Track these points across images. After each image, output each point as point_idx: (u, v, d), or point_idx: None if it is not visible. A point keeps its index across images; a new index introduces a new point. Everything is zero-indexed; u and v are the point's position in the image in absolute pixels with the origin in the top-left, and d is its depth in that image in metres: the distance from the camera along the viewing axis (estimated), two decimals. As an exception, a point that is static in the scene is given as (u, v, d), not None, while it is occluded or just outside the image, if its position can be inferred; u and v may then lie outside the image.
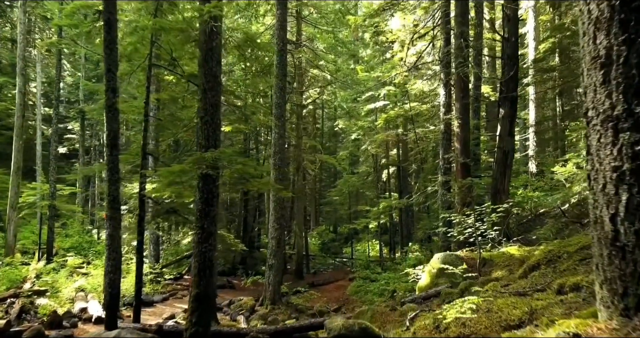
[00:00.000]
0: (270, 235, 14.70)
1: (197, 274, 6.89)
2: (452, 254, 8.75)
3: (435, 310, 5.39)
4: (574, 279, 3.61)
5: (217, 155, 6.64)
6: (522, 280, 5.24)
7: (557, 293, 3.65)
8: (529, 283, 4.76)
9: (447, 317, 3.81)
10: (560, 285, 3.70)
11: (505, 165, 12.56)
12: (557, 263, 5.42)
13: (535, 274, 5.29)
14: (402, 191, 24.25)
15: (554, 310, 3.00)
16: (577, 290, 3.45)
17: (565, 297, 3.39)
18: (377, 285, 17.30)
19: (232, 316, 13.20)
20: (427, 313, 4.90)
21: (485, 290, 5.11)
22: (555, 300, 3.42)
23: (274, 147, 14.75)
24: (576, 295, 3.35)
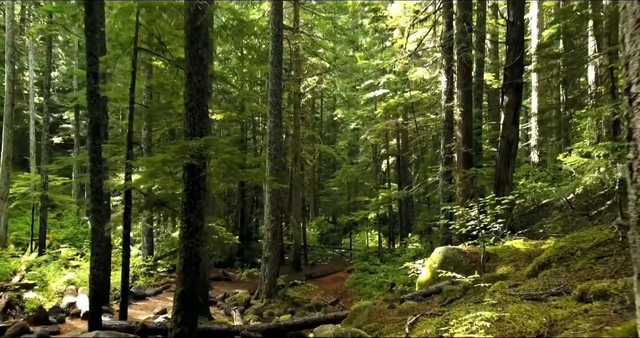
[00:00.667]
0: (266, 227, 14.28)
1: (182, 271, 6.46)
2: (454, 248, 8.32)
3: (437, 312, 4.96)
4: (599, 285, 3.17)
5: (202, 144, 6.17)
6: (532, 280, 4.80)
7: (579, 300, 3.21)
8: (541, 284, 4.32)
9: (453, 334, 3.36)
10: (583, 291, 3.26)
11: (509, 155, 12.09)
12: (570, 261, 4.98)
13: (547, 273, 4.85)
14: (401, 181, 23.80)
15: (579, 323, 2.57)
16: (603, 298, 3.02)
17: (589, 307, 2.95)
18: (375, 278, 16.94)
19: (226, 310, 12.82)
20: (428, 318, 4.47)
21: (493, 291, 4.67)
22: (577, 309, 2.99)
23: (269, 136, 14.27)
24: (603, 304, 2.92)
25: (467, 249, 8.30)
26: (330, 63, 23.24)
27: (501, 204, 8.41)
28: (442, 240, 12.54)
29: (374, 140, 24.47)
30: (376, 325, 6.21)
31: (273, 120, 14.19)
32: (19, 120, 33.47)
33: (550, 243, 7.40)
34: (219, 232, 9.46)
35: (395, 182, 26.15)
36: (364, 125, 25.96)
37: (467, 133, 12.37)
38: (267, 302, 13.81)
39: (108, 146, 9.09)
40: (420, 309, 6.69)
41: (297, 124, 21.58)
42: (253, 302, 14.01)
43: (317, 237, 31.99)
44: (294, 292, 15.18)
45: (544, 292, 3.93)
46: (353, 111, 25.55)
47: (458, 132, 12.52)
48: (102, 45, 11.63)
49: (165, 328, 7.62)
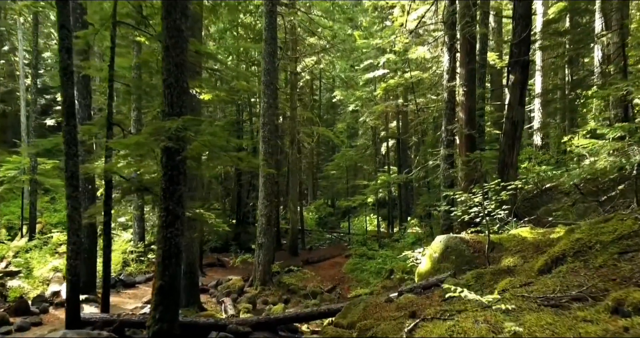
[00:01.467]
0: (260, 213, 13.77)
1: (161, 263, 5.93)
2: (456, 237, 7.80)
3: (439, 315, 4.43)
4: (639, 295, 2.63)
5: (180, 125, 5.57)
6: (546, 278, 4.26)
7: (613, 312, 2.68)
8: (557, 284, 3.77)
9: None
10: (618, 301, 2.71)
11: (514, 137, 11.48)
12: (588, 255, 4.43)
13: (562, 270, 4.31)
14: (401, 165, 23.25)
15: (621, 349, 2.05)
16: (646, 312, 2.49)
17: (629, 323, 2.41)
18: (373, 264, 16.51)
19: (218, 298, 12.39)
20: (429, 324, 3.94)
21: (502, 291, 4.14)
22: (613, 325, 2.45)
23: (263, 117, 13.65)
24: (648, 321, 2.39)
25: (470, 238, 7.77)
26: (328, 42, 22.43)
27: (506, 190, 7.86)
28: (442, 227, 12.04)
29: (373, 122, 23.81)
30: (371, 323, 5.70)
31: (267, 100, 13.55)
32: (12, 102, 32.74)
33: (560, 232, 6.87)
34: (207, 218, 8.91)
35: (395, 166, 25.59)
36: (363, 107, 25.26)
37: (470, 114, 11.75)
38: (261, 289, 13.39)
39: (86, 128, 8.48)
40: (419, 304, 6.19)
41: (293, 106, 20.91)
42: (247, 289, 13.58)
43: (316, 221, 31.56)
44: (289, 279, 14.75)
45: (564, 295, 3.38)
46: (352, 92, 24.81)
47: (460, 113, 11.89)
48: (84, 20, 10.95)
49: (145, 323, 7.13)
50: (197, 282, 10.86)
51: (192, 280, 10.62)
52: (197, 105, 15.41)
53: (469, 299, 3.60)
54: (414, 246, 15.89)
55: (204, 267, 16.86)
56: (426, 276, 7.86)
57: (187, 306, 10.52)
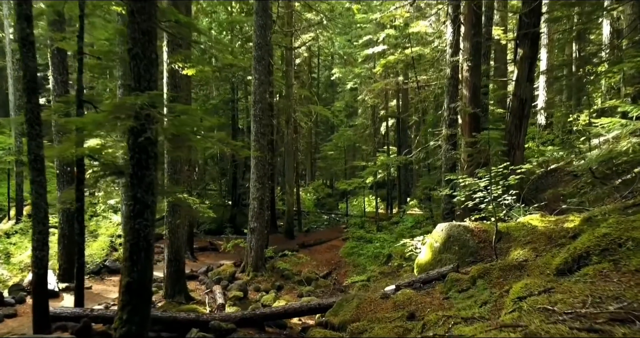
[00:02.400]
0: (251, 196, 13.10)
1: (128, 258, 5.27)
2: (460, 225, 7.14)
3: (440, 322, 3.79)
4: None
5: (145, 101, 4.83)
6: (569, 282, 3.60)
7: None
8: (586, 292, 3.10)
9: None
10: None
11: (521, 117, 10.74)
12: (618, 255, 3.76)
13: (589, 272, 3.64)
14: (401, 145, 22.51)
15: None
16: None
17: None
18: (371, 248, 15.95)
19: (208, 285, 11.83)
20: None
21: (516, 299, 3.47)
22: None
23: (254, 95, 12.86)
24: None
25: (475, 226, 7.11)
26: (326, 16, 21.40)
27: (515, 174, 7.17)
28: (443, 211, 11.39)
29: (372, 100, 22.96)
30: (365, 325, 5.08)
31: (258, 77, 12.73)
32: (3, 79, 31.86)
33: (575, 221, 6.21)
34: (192, 203, 8.24)
35: (395, 146, 24.85)
36: (361, 84, 24.37)
37: (474, 91, 10.96)
38: (253, 275, 12.83)
39: (56, 106, 7.73)
40: (419, 302, 5.57)
41: (289, 83, 20.03)
42: (239, 275, 13.02)
43: (314, 202, 30.99)
44: (283, 264, 14.18)
45: (599, 311, 2.72)
46: (350, 69, 23.89)
47: (464, 90, 11.11)
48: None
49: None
50: (183, 269, 10.26)
51: (178, 268, 10.02)
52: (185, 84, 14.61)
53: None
54: (413, 230, 15.31)
55: (196, 252, 16.31)
56: (426, 268, 7.23)
57: (173, 296, 9.96)
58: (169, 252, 9.95)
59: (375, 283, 12.28)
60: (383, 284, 11.71)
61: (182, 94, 9.80)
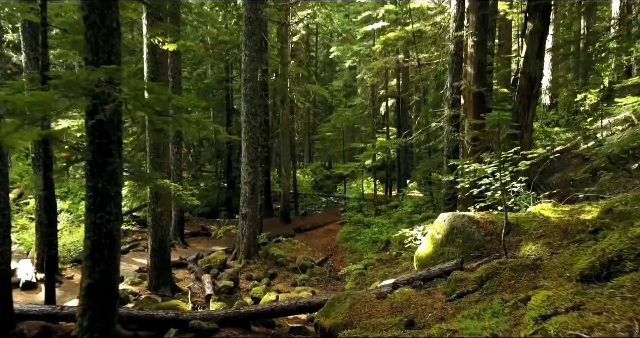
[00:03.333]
0: (243, 180, 12.46)
1: (89, 257, 4.64)
2: (464, 216, 6.50)
3: None
4: None
5: (104, 76, 4.12)
6: (602, 295, 2.96)
7: None
8: (630, 314, 2.48)
9: None
10: None
11: (529, 96, 10.03)
12: (659, 262, 3.11)
13: (625, 283, 3.00)
14: (401, 126, 21.77)
15: None
16: None
17: None
18: (369, 233, 15.39)
19: (197, 274, 11.28)
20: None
21: (538, 319, 2.85)
22: None
23: (244, 73, 12.10)
24: None
25: (481, 217, 6.47)
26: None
27: (526, 159, 6.50)
28: (444, 197, 10.75)
29: (371, 79, 22.10)
30: (358, 333, 4.48)
31: (249, 53, 11.94)
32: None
33: (593, 212, 5.57)
34: (173, 189, 7.59)
35: (394, 126, 24.11)
36: (360, 63, 23.47)
37: (480, 69, 10.20)
38: (245, 263, 12.29)
39: (19, 83, 7.00)
40: (419, 305, 4.97)
41: (284, 61, 19.17)
42: (230, 263, 12.48)
43: (312, 184, 30.38)
44: (277, 250, 13.63)
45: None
46: (349, 47, 22.96)
47: (469, 67, 10.34)
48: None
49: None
50: (169, 259, 9.68)
51: (162, 258, 9.44)
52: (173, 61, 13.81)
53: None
54: (413, 215, 14.71)
55: (187, 237, 15.74)
56: (427, 262, 6.63)
57: (158, 287, 9.41)
58: (152, 241, 9.36)
59: (372, 271, 11.75)
60: (380, 273, 11.18)
61: (163, 71, 9.05)
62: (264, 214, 19.99)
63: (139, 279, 9.84)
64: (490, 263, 5.14)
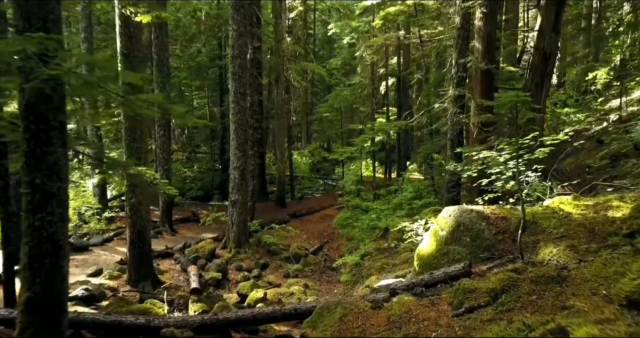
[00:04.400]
0: (232, 165, 11.68)
1: (27, 266, 3.88)
2: (472, 211, 5.73)
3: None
4: None
5: (29, 48, 3.29)
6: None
7: None
8: None
9: None
10: None
11: (543, 73, 9.16)
12: None
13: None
14: (401, 106, 20.86)
15: None
16: None
17: None
18: (367, 219, 14.68)
19: (183, 265, 10.60)
20: None
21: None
22: None
23: (232, 49, 11.18)
24: None
25: (491, 212, 5.70)
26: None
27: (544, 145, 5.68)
28: (448, 184, 9.97)
29: (371, 57, 21.04)
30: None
31: (237, 28, 10.99)
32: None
33: (624, 208, 4.80)
34: (148, 177, 6.80)
35: (394, 107, 23.18)
36: (359, 40, 22.37)
37: (489, 44, 9.30)
38: (235, 252, 11.60)
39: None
40: (420, 319, 4.24)
41: (279, 37, 18.14)
42: (219, 252, 11.78)
43: (309, 166, 29.57)
44: (270, 238, 12.93)
45: None
46: (347, 22, 21.84)
47: (477, 42, 9.44)
48: None
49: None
50: (149, 252, 8.95)
51: (142, 249, 8.72)
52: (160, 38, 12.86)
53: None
54: (413, 201, 13.97)
55: (176, 223, 15.03)
56: (429, 261, 5.88)
57: (138, 281, 8.72)
58: (130, 232, 8.62)
59: (369, 261, 11.05)
60: (378, 264, 10.49)
61: (139, 46, 8.16)
62: (258, 198, 19.27)
63: (118, 272, 9.14)
64: (505, 272, 4.39)
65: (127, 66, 8.19)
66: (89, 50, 13.34)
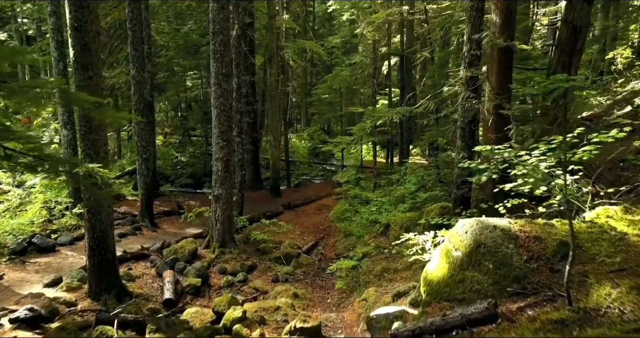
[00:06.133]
0: (214, 156, 10.42)
1: None
2: (495, 227, 4.49)
3: None
4: None
5: None
6: None
7: None
8: None
9: None
10: None
11: (572, 51, 7.78)
12: None
13: None
14: (404, 87, 19.42)
15: None
16: None
17: None
18: (366, 212, 13.49)
19: (159, 269, 9.44)
20: None
21: None
22: None
23: (213, 24, 9.79)
24: None
25: (519, 229, 4.46)
26: None
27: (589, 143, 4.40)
28: (457, 179, 8.70)
29: (372, 35, 19.55)
30: None
31: None
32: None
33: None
34: (102, 178, 5.59)
35: (397, 87, 21.75)
36: (359, 16, 20.82)
37: (508, 16, 7.91)
38: (219, 252, 10.44)
39: None
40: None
41: (272, 13, 16.66)
42: (202, 252, 10.61)
43: (309, 150, 28.29)
44: (259, 234, 11.77)
45: None
46: (346, -3, 20.30)
47: (494, 14, 8.05)
48: None
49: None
50: (113, 259, 7.72)
51: (104, 257, 7.53)
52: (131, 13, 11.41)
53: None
54: (417, 194, 12.73)
55: (160, 217, 13.86)
56: (440, 289, 4.67)
57: (100, 294, 7.57)
58: (89, 237, 7.43)
59: (368, 263, 9.89)
60: (378, 269, 9.30)
61: (91, 18, 6.83)
62: (252, 187, 18.11)
63: (79, 283, 7.97)
64: (546, 323, 3.19)
65: (78, 42, 6.89)
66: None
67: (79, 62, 6.95)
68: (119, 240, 11.45)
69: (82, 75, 6.96)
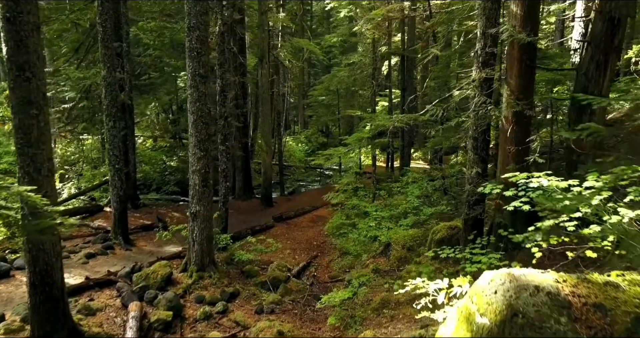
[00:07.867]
0: (191, 168, 9.20)
1: None
2: (536, 288, 3.24)
3: None
4: None
5: None
6: None
7: None
8: None
9: None
10: None
11: (608, 49, 6.56)
12: None
13: None
14: (405, 88, 18.21)
15: None
16: None
17: None
18: (365, 226, 12.20)
19: (125, 299, 8.21)
20: None
21: None
22: None
23: (189, 18, 8.58)
24: None
25: (570, 291, 3.21)
26: None
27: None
28: (468, 196, 7.46)
29: (371, 32, 18.31)
30: None
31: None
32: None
33: None
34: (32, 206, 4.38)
35: (398, 89, 20.54)
36: (358, 13, 19.62)
37: (531, 7, 6.69)
38: (197, 277, 9.21)
39: None
40: None
41: (262, 9, 15.43)
42: (178, 276, 9.36)
43: (305, 154, 27.08)
44: (245, 254, 10.53)
45: None
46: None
47: (513, 5, 6.82)
48: None
49: None
50: (60, 296, 6.48)
51: (50, 295, 6.30)
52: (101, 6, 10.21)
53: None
54: (420, 208, 11.50)
55: (136, 232, 12.63)
56: (459, 372, 3.42)
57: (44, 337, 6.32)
58: (30, 272, 6.20)
59: (366, 292, 8.62)
60: (377, 300, 7.99)
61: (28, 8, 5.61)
62: (242, 196, 16.89)
63: (21, 323, 6.74)
64: None
65: (12, 37, 5.66)
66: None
67: (12, 61, 5.73)
68: (86, 262, 10.28)
69: (18, 76, 5.75)
